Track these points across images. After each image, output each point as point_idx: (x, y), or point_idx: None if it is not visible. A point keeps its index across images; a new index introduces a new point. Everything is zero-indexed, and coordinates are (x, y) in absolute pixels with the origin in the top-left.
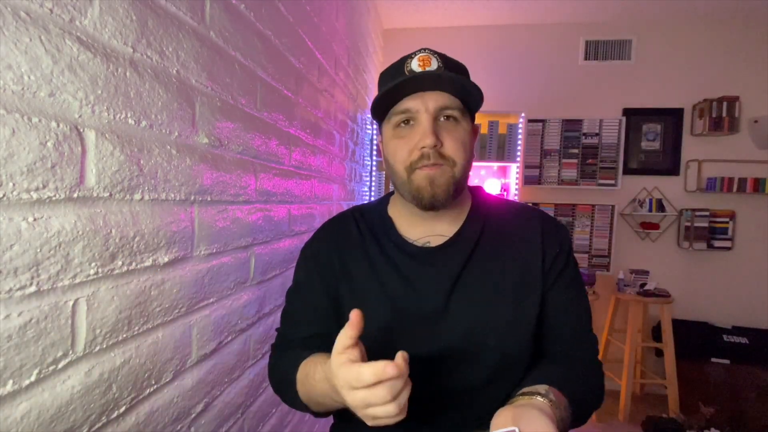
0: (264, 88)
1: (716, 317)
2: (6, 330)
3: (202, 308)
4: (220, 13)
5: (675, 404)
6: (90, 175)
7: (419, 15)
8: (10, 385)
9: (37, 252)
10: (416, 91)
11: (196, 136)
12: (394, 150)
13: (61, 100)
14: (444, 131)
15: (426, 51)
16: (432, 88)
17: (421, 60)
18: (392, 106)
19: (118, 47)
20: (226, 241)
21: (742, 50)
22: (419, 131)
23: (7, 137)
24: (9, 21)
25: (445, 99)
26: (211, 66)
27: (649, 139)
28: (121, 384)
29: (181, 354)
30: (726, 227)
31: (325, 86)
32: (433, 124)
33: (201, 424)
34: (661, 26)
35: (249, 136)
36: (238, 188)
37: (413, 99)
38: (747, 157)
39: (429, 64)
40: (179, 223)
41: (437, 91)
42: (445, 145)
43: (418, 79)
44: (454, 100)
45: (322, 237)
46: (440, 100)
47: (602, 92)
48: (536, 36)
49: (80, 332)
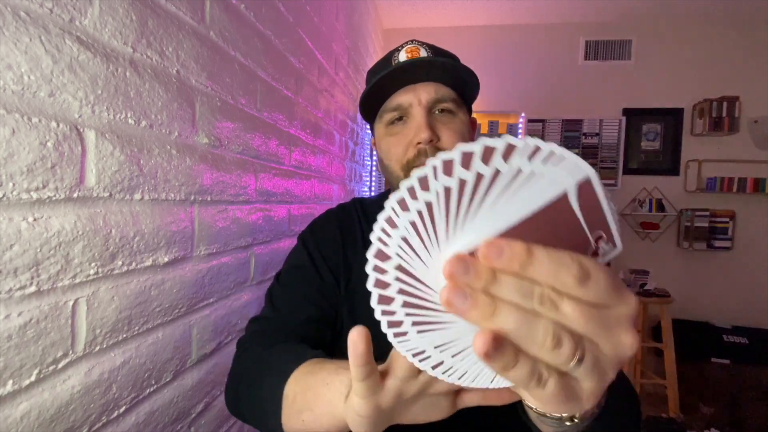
0: (264, 88)
1: (716, 317)
2: (6, 330)
3: (202, 308)
4: (220, 13)
5: (675, 404)
6: (90, 175)
7: (419, 15)
8: (10, 385)
9: (37, 252)
10: (406, 84)
11: (196, 136)
12: (388, 148)
13: (61, 100)
14: (440, 125)
15: (414, 42)
16: (423, 79)
17: (409, 51)
18: (383, 103)
19: (118, 47)
20: (226, 241)
21: (742, 50)
22: (413, 126)
23: (7, 137)
24: (9, 21)
25: (438, 90)
26: (211, 66)
27: (649, 139)
28: (121, 384)
29: (181, 354)
30: (726, 227)
31: (325, 86)
32: (428, 117)
33: (201, 424)
34: (661, 26)
35: (249, 136)
36: (238, 188)
37: (404, 93)
38: (747, 157)
39: (417, 54)
40: (179, 223)
41: (429, 82)
42: (442, 139)
43: (408, 71)
44: (449, 90)
45: (325, 221)
46: (433, 91)
47: (602, 92)
48: (536, 36)
49: (80, 332)
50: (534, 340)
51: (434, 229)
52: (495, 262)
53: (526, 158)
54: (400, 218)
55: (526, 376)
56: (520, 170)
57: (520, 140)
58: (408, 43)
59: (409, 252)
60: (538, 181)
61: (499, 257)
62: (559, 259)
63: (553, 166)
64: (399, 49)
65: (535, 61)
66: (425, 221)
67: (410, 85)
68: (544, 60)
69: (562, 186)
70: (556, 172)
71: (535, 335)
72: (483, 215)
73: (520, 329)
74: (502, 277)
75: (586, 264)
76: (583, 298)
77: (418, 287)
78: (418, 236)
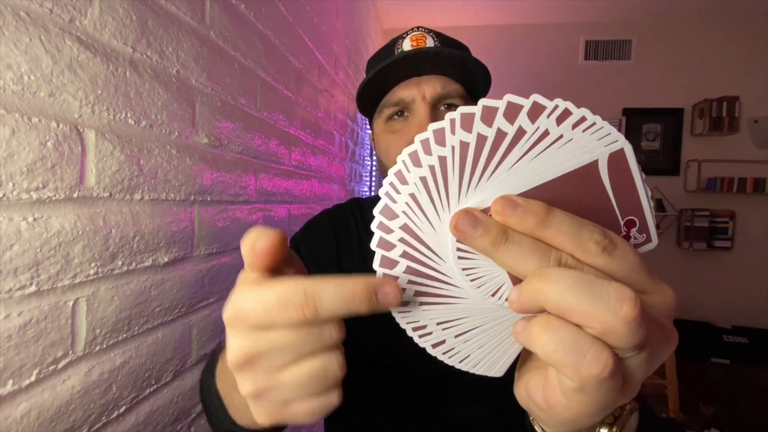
0: (264, 88)
1: (716, 317)
2: (6, 330)
3: (202, 308)
4: (220, 13)
5: (675, 404)
6: (90, 175)
7: (419, 15)
8: (10, 385)
9: (37, 252)
10: (410, 77)
11: (196, 136)
12: (387, 146)
13: (61, 100)
14: None
15: (420, 29)
16: (429, 71)
17: (414, 39)
18: (383, 96)
19: (118, 47)
20: (226, 241)
21: (742, 50)
22: (415, 124)
23: (7, 137)
24: (9, 21)
25: (444, 84)
26: (211, 66)
27: (649, 139)
28: (121, 384)
29: (181, 354)
30: (726, 227)
31: (325, 86)
32: (432, 114)
33: (201, 424)
34: (661, 26)
35: (249, 136)
36: (238, 188)
37: (407, 87)
38: (747, 157)
39: (423, 43)
40: (179, 223)
41: (435, 75)
42: None
43: (412, 62)
44: (456, 85)
45: (319, 225)
46: (438, 86)
47: (602, 92)
48: (536, 36)
49: (80, 332)
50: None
51: (446, 188)
52: (509, 217)
53: (554, 120)
54: (411, 173)
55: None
56: (547, 132)
57: (551, 101)
58: (413, 30)
59: (416, 211)
60: (565, 146)
61: (514, 212)
62: (581, 222)
63: (582, 132)
64: (403, 37)
65: (535, 61)
66: (437, 178)
67: (414, 77)
68: (544, 60)
69: (592, 154)
70: (586, 138)
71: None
72: (500, 176)
73: (533, 262)
74: (515, 235)
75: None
76: (606, 271)
77: (424, 252)
78: (427, 194)
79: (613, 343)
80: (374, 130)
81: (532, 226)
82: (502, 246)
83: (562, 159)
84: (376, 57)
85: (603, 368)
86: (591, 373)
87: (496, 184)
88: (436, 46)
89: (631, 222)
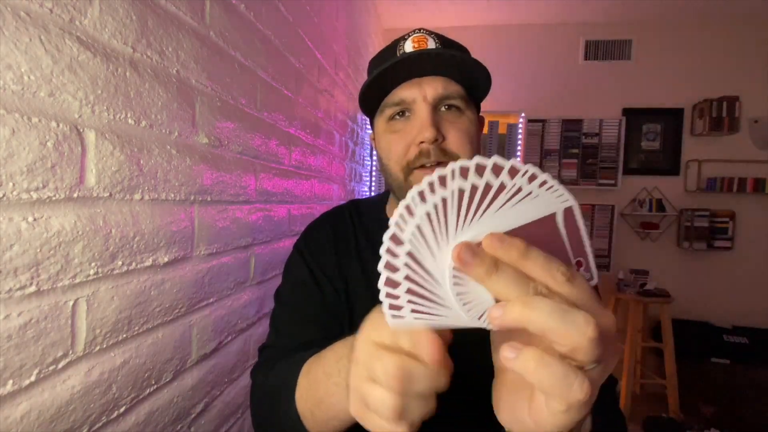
0: (264, 88)
1: (716, 317)
2: (6, 330)
3: (202, 308)
4: (220, 13)
5: (675, 404)
6: (90, 175)
7: (419, 15)
8: (10, 385)
9: (37, 252)
10: (411, 77)
11: (196, 136)
12: (388, 146)
13: (61, 100)
14: (446, 123)
15: (422, 31)
16: (430, 72)
17: (416, 41)
18: (384, 96)
19: (118, 47)
20: (226, 241)
21: (742, 50)
22: (416, 123)
23: (7, 137)
24: (9, 21)
25: (445, 85)
26: (211, 66)
27: (649, 139)
28: (121, 384)
29: (181, 354)
30: (726, 227)
31: (325, 86)
32: (433, 114)
33: (201, 424)
34: (661, 26)
35: (249, 136)
36: (238, 188)
37: (408, 87)
38: (747, 157)
39: (425, 44)
40: (179, 223)
41: (436, 76)
42: (447, 138)
43: (414, 63)
44: (457, 86)
45: (319, 229)
46: (440, 87)
47: (602, 92)
48: (536, 36)
49: (80, 332)
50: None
51: (446, 223)
52: (497, 249)
53: (526, 179)
54: (418, 208)
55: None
56: (521, 188)
57: (523, 165)
58: (415, 31)
59: (420, 240)
60: (534, 200)
61: (501, 245)
62: (551, 257)
63: (546, 191)
64: (405, 38)
65: (535, 61)
66: (439, 214)
67: (415, 78)
68: (544, 60)
69: (552, 207)
70: (548, 195)
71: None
72: (487, 218)
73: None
74: (504, 266)
75: (572, 268)
76: (570, 297)
77: (423, 276)
78: (431, 226)
79: (580, 358)
80: (375, 129)
81: (515, 257)
82: (494, 275)
83: (532, 209)
84: (377, 58)
85: (585, 394)
86: (576, 399)
87: (484, 224)
88: (437, 47)
89: (579, 262)
